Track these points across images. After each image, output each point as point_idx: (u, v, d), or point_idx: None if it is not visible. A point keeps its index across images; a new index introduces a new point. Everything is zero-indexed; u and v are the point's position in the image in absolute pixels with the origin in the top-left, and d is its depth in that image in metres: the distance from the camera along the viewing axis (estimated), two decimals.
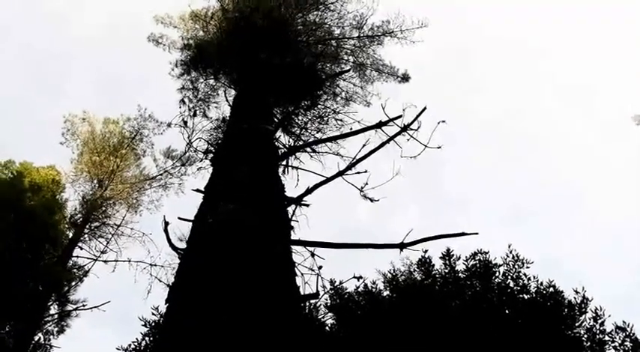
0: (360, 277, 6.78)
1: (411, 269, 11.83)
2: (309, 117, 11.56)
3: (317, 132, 11.22)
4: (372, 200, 8.25)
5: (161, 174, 21.71)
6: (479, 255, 10.97)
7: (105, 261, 20.09)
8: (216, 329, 4.56)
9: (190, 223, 6.67)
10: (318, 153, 10.65)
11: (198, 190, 7.28)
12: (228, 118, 11.03)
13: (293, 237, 6.98)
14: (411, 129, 8.19)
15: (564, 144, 48.34)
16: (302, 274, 6.41)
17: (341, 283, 6.88)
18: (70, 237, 19.94)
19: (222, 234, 5.77)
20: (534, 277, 10.47)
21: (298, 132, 11.15)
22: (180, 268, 5.97)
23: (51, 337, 18.02)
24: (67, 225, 20.15)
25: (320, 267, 6.69)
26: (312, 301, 9.67)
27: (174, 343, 4.66)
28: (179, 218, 7.08)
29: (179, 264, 6.13)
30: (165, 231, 7.35)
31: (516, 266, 10.66)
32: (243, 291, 4.91)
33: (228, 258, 5.34)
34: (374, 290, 11.60)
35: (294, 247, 6.72)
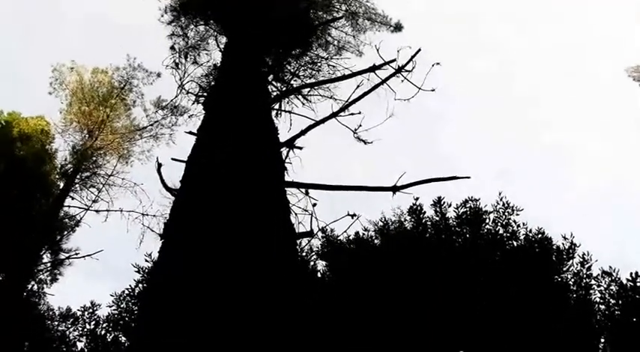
0: (355, 215, 6.81)
1: (402, 219, 11.92)
2: (301, 64, 11.44)
3: (309, 79, 11.14)
4: (365, 142, 8.25)
5: (152, 125, 21.52)
6: (469, 202, 11.06)
7: (96, 211, 20.06)
8: (210, 266, 4.59)
9: (183, 165, 6.67)
10: (310, 100, 10.58)
11: (191, 132, 7.26)
12: (219, 65, 10.89)
13: (287, 179, 6.99)
14: (405, 71, 8.11)
15: (557, 102, 48.23)
16: (296, 215, 6.45)
17: (335, 221, 6.92)
18: (61, 187, 19.87)
19: (217, 175, 5.77)
20: (524, 224, 10.60)
21: (290, 78, 11.04)
22: (174, 207, 5.99)
23: (44, 285, 18.14)
24: (57, 176, 20.06)
25: (314, 205, 6.73)
26: (305, 243, 9.76)
27: (167, 283, 4.67)
28: (172, 159, 7.07)
29: (173, 203, 6.14)
30: (159, 171, 7.35)
31: (506, 214, 10.77)
32: (238, 228, 4.94)
33: (223, 198, 5.35)
34: (365, 237, 11.73)
35: (287, 189, 6.73)
